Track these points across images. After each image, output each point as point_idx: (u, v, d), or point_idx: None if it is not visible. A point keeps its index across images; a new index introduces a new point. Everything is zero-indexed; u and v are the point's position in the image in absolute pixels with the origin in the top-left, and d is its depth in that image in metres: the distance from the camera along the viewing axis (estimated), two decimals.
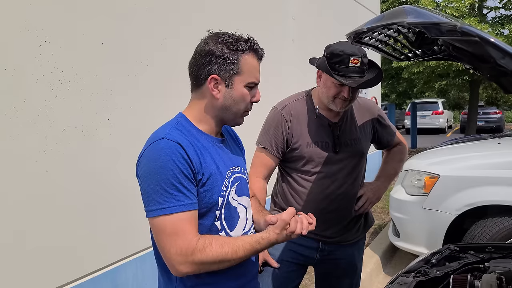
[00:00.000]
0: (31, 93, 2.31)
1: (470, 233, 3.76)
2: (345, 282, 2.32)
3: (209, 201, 1.38)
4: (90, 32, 2.63)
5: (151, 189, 1.30)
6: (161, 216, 1.29)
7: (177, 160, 1.30)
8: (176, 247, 1.28)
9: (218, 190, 1.40)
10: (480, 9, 14.69)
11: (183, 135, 1.37)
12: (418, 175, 4.19)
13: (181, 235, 1.29)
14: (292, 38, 5.16)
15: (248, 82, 1.42)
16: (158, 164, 1.29)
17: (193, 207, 1.32)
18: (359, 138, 2.20)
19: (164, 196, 1.29)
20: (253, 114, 1.55)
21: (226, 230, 1.45)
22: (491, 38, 1.22)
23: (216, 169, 1.41)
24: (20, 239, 2.29)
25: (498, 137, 5.17)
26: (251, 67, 1.42)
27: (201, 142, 1.41)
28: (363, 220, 2.32)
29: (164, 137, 1.33)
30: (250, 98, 1.45)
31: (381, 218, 6.14)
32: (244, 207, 1.54)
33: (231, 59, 1.39)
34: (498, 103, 25.04)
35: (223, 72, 1.39)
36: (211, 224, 1.40)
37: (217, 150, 1.47)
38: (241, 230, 1.50)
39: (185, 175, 1.30)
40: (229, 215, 1.46)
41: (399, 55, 1.82)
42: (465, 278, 1.60)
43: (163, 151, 1.30)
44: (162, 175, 1.28)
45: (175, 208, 1.29)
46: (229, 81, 1.40)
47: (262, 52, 1.46)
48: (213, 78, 1.40)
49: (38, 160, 2.35)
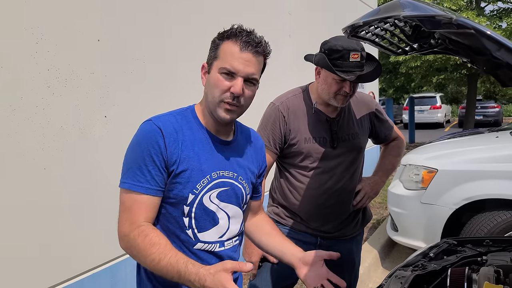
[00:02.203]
0: (27, 91, 2.30)
1: (468, 227, 3.78)
2: (343, 277, 2.29)
3: (178, 194, 1.38)
4: (87, 29, 2.62)
5: (125, 161, 1.39)
6: (122, 189, 1.37)
7: (151, 145, 1.34)
8: (123, 221, 1.35)
9: (191, 187, 1.39)
10: (478, 3, 14.69)
11: (175, 123, 1.40)
12: (416, 170, 4.20)
13: (131, 212, 1.34)
14: (288, 34, 5.15)
15: (221, 67, 1.37)
16: (135, 142, 1.38)
17: (150, 192, 1.35)
18: (357, 133, 2.20)
19: (130, 171, 1.36)
20: (250, 110, 1.54)
21: (194, 230, 1.42)
22: (487, 30, 1.22)
23: (197, 165, 1.39)
24: (18, 236, 2.29)
25: (496, 131, 5.18)
26: (228, 53, 1.37)
27: (195, 135, 1.42)
28: (361, 215, 2.32)
29: (151, 120, 1.40)
30: (226, 85, 1.37)
31: (379, 213, 6.15)
32: (227, 215, 1.49)
33: (214, 45, 1.42)
34: (496, 97, 25.05)
35: (209, 59, 1.43)
36: (179, 217, 1.41)
37: (211, 148, 1.45)
38: (215, 236, 1.46)
39: (153, 161, 1.34)
40: (202, 217, 1.42)
41: (396, 49, 1.81)
42: (463, 271, 1.60)
43: (143, 132, 1.37)
44: (135, 152, 1.36)
45: (133, 186, 1.34)
46: (210, 67, 1.42)
47: (248, 40, 1.37)
48: (203, 66, 1.46)
49: (35, 157, 2.35)
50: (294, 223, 2.20)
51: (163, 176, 1.36)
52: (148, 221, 1.36)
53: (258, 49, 1.39)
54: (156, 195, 1.37)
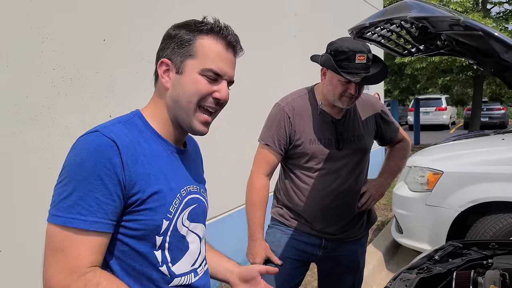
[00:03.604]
0: (33, 90, 2.30)
1: (474, 230, 3.75)
2: (347, 279, 2.31)
3: (149, 223, 1.09)
4: (92, 29, 2.62)
5: (57, 187, 1.05)
6: (52, 225, 1.04)
7: (101, 164, 1.02)
8: (57, 269, 1.01)
9: (165, 211, 1.11)
10: (484, 4, 14.64)
11: (128, 134, 1.11)
12: (421, 172, 4.18)
13: (69, 257, 1.01)
14: (294, 34, 5.14)
15: (204, 69, 1.14)
16: (77, 161, 1.03)
17: (98, 227, 1.02)
18: (362, 135, 2.19)
19: (67, 201, 1.01)
20: (256, 111, 1.53)
21: (168, 264, 1.15)
22: (494, 32, 1.21)
23: (166, 185, 1.13)
24: (22, 236, 2.29)
25: (502, 133, 5.15)
26: (210, 52, 1.15)
27: (152, 147, 1.15)
28: (366, 217, 2.31)
29: (98, 130, 1.07)
30: (208, 89, 1.16)
31: (384, 215, 6.13)
32: (198, 237, 1.25)
33: (184, 39, 1.16)
34: (502, 99, 24.91)
35: (175, 55, 1.16)
36: (149, 252, 1.11)
37: (172, 161, 1.20)
38: (188, 265, 1.21)
39: (104, 185, 1.02)
40: (175, 245, 1.16)
41: (402, 50, 1.80)
42: (468, 274, 1.59)
43: (87, 147, 1.04)
44: (76, 175, 1.02)
45: (71, 221, 1.00)
46: (180, 66, 1.16)
47: (231, 39, 1.18)
48: (163, 63, 1.18)
49: (40, 157, 2.35)
50: (299, 224, 2.20)
51: (115, 205, 1.03)
52: (94, 265, 1.03)
53: (238, 49, 1.22)
54: (106, 231, 1.03)
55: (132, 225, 1.08)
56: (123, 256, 1.10)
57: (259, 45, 4.39)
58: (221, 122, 3.91)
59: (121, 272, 1.10)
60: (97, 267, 1.04)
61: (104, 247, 1.05)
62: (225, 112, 1.97)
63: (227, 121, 3.83)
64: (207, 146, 1.90)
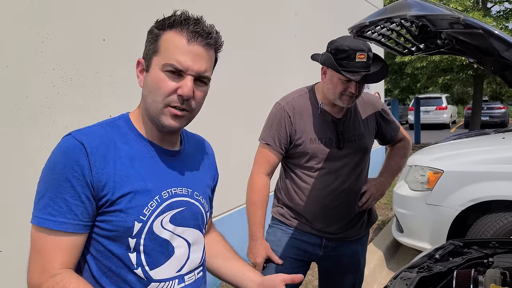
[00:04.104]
0: (33, 90, 2.30)
1: (474, 229, 3.75)
2: (348, 278, 2.31)
3: (120, 225, 1.08)
4: (92, 29, 2.62)
5: (38, 189, 1.09)
6: (32, 226, 1.06)
7: (69, 166, 1.04)
8: (32, 268, 1.05)
9: (137, 213, 1.10)
10: (484, 3, 14.63)
11: (103, 136, 1.11)
12: (421, 171, 4.18)
13: (42, 257, 1.04)
14: (294, 34, 5.14)
15: (164, 64, 1.09)
16: (50, 163, 1.08)
17: (67, 228, 1.04)
18: (362, 134, 2.19)
19: (41, 202, 1.05)
20: (256, 111, 1.52)
21: (144, 267, 1.12)
22: (494, 30, 1.21)
23: (142, 186, 1.11)
24: (22, 236, 2.29)
25: (503, 132, 5.15)
26: (171, 45, 1.10)
27: (133, 148, 1.14)
28: (367, 216, 2.31)
29: (70, 134, 1.11)
30: (170, 87, 1.10)
31: (384, 214, 6.13)
32: (186, 242, 1.21)
33: (152, 36, 1.14)
34: (503, 98, 24.88)
35: (145, 53, 1.16)
36: (123, 254, 1.10)
37: (156, 162, 1.18)
38: (173, 271, 1.18)
39: (72, 186, 1.04)
40: (154, 249, 1.13)
41: (402, 49, 1.80)
42: (469, 273, 1.59)
43: (58, 150, 1.08)
44: (48, 177, 1.07)
45: (43, 221, 1.04)
46: (148, 64, 1.14)
47: (198, 29, 1.11)
48: (139, 62, 1.18)
49: (40, 157, 2.34)
50: (299, 224, 2.20)
51: (84, 206, 1.05)
52: (66, 266, 1.05)
53: (210, 41, 1.13)
54: (76, 232, 1.05)
55: (105, 226, 1.09)
56: (99, 256, 1.11)
57: (259, 44, 4.39)
58: (222, 122, 3.90)
59: (98, 272, 1.11)
60: (68, 269, 1.05)
61: (76, 248, 1.07)
62: (226, 112, 1.96)
63: (228, 121, 3.83)
64: None
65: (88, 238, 1.10)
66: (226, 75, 3.55)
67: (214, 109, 1.16)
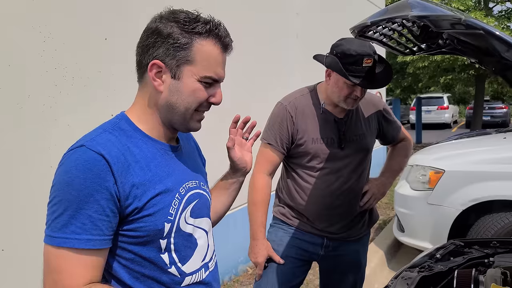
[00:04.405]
0: (35, 89, 2.31)
1: (475, 228, 3.76)
2: (349, 278, 2.31)
3: (151, 229, 1.07)
4: (94, 28, 2.63)
5: (49, 206, 1.04)
6: (48, 246, 1.02)
7: (90, 181, 0.99)
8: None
9: (165, 214, 1.10)
10: (486, 3, 14.60)
11: (117, 143, 1.07)
12: (423, 170, 4.18)
13: (65, 276, 0.99)
14: (296, 34, 5.14)
15: (203, 76, 1.10)
16: (65, 180, 1.00)
17: (92, 245, 1.00)
18: (364, 134, 2.19)
19: (59, 221, 1.00)
20: (258, 110, 1.53)
21: (177, 264, 1.14)
22: (495, 31, 1.21)
23: (163, 187, 1.11)
24: (24, 235, 2.30)
25: (504, 132, 5.14)
26: (209, 57, 1.10)
27: (144, 151, 1.11)
28: (368, 216, 2.31)
29: (83, 145, 1.03)
30: (205, 96, 1.13)
31: (385, 214, 6.13)
32: (204, 232, 1.25)
33: (180, 42, 1.09)
34: (504, 97, 24.87)
35: (170, 58, 1.10)
36: (155, 257, 1.10)
37: (168, 160, 1.17)
38: (199, 261, 1.21)
39: (96, 202, 0.99)
40: (182, 245, 1.16)
41: (404, 49, 1.81)
42: (470, 273, 1.60)
43: (75, 164, 1.00)
44: (65, 194, 0.99)
45: (63, 241, 0.99)
46: (177, 71, 1.10)
47: (228, 41, 1.14)
48: (155, 65, 1.11)
49: (42, 156, 2.36)
50: (301, 223, 2.20)
51: (109, 220, 1.02)
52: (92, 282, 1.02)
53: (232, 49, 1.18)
54: (102, 247, 1.02)
55: (134, 234, 1.07)
56: (130, 264, 1.09)
57: (261, 44, 4.38)
58: (222, 122, 3.90)
59: (130, 279, 1.09)
60: (94, 283, 1.02)
61: (101, 262, 1.04)
62: (226, 112, 1.96)
63: (228, 121, 3.83)
64: (208, 146, 1.91)
65: (113, 249, 1.07)
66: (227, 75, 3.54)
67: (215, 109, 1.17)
